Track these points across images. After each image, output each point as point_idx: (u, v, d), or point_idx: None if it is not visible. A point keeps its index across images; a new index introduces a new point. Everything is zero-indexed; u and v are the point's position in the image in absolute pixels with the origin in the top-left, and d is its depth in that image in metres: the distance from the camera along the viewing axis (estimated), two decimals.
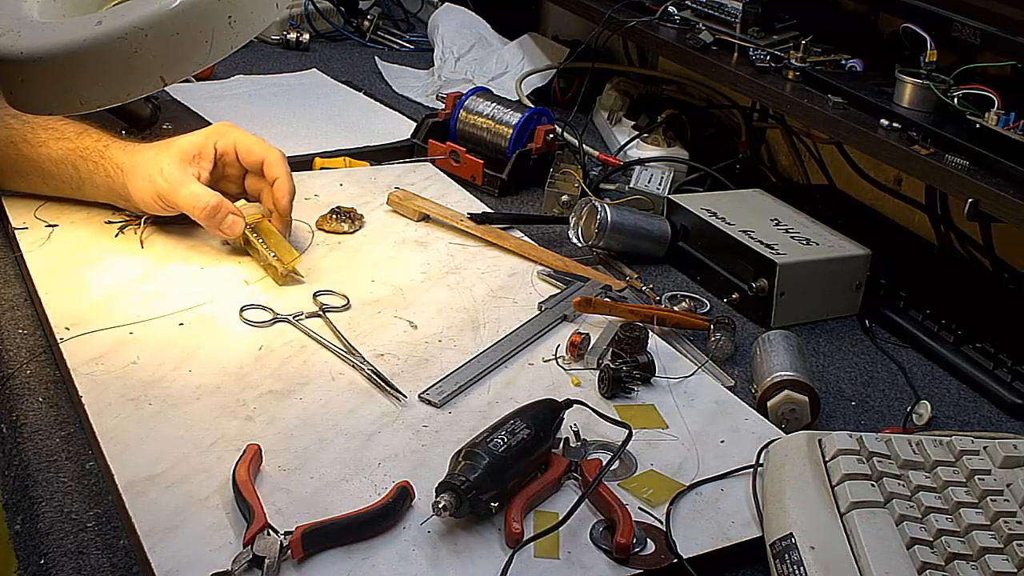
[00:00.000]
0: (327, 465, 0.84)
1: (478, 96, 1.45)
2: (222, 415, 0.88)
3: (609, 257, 1.25)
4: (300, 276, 1.10)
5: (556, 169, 1.38)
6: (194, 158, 1.12)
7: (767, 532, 0.79)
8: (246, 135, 1.15)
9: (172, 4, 0.86)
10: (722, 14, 1.42)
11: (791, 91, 1.30)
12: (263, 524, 0.74)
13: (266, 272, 1.10)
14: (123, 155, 1.13)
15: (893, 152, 1.16)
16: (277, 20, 1.88)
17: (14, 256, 1.11)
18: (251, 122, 1.48)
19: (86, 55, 0.86)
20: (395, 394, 0.93)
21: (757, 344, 1.05)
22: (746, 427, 0.94)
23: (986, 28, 1.14)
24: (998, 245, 1.24)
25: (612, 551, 0.77)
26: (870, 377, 1.08)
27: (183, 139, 1.13)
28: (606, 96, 1.68)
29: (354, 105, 1.64)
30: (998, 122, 1.09)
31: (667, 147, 1.50)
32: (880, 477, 0.81)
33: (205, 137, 1.13)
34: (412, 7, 2.16)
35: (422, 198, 1.28)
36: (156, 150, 1.13)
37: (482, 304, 1.10)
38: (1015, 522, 0.76)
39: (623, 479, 0.85)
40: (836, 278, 1.17)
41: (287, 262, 1.09)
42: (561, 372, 0.99)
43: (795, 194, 1.34)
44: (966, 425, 1.02)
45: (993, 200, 1.05)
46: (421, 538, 0.77)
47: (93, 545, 0.76)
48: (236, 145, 1.13)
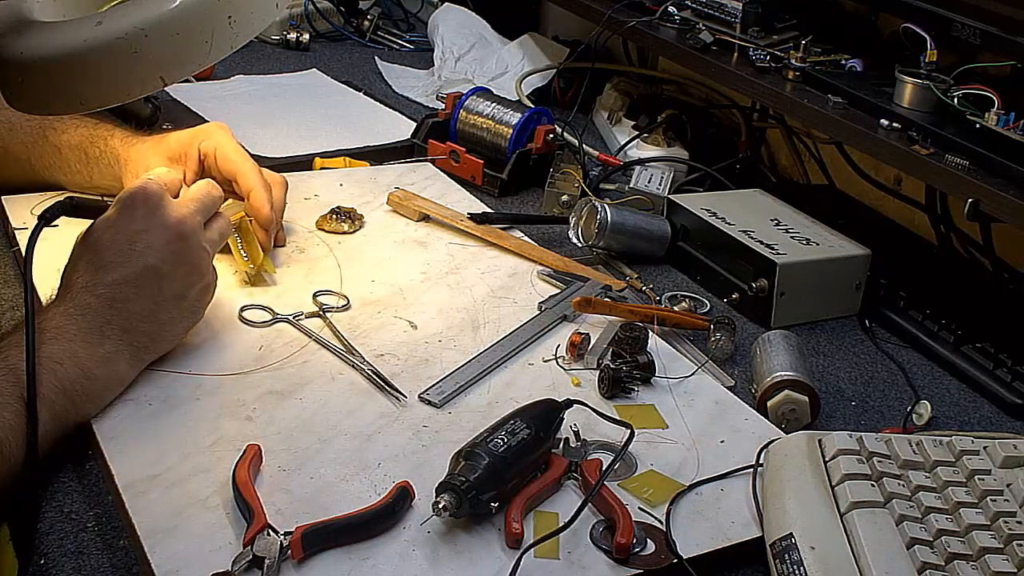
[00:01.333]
0: (327, 465, 0.84)
1: (478, 96, 1.45)
2: (222, 415, 0.88)
3: (609, 257, 1.25)
4: (270, 278, 1.09)
5: (556, 169, 1.38)
6: (180, 157, 1.12)
7: (767, 532, 0.79)
8: (229, 141, 1.12)
9: (172, 4, 0.86)
10: (722, 14, 1.42)
11: (791, 91, 1.30)
12: (263, 524, 0.75)
13: (238, 270, 1.09)
14: (121, 147, 1.15)
15: (893, 152, 1.16)
16: (277, 20, 1.88)
17: (14, 256, 1.11)
18: (251, 122, 1.49)
19: (86, 55, 0.86)
20: (395, 394, 0.93)
21: (757, 344, 1.05)
22: (746, 427, 0.94)
23: (986, 28, 1.14)
24: (998, 245, 1.24)
25: (612, 551, 0.77)
26: (870, 377, 1.08)
27: (172, 137, 1.14)
28: (606, 96, 1.68)
29: (354, 105, 1.64)
30: (998, 122, 1.09)
31: (667, 147, 1.50)
32: (880, 477, 0.81)
33: (192, 137, 1.13)
34: (412, 7, 2.16)
35: (422, 198, 1.28)
36: (148, 145, 1.14)
37: (482, 304, 1.10)
38: (1015, 522, 0.76)
39: (623, 479, 0.85)
40: (836, 278, 1.17)
41: (256, 262, 1.08)
42: (561, 372, 0.99)
43: (795, 194, 1.34)
44: (966, 425, 1.02)
45: (993, 200, 1.05)
46: (421, 538, 0.77)
47: (93, 545, 0.76)
48: (216, 151, 1.11)
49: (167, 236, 0.92)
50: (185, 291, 0.93)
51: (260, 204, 1.09)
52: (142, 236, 0.91)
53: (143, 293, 0.90)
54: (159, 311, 0.91)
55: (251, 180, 1.09)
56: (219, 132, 1.13)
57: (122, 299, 0.88)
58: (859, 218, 1.35)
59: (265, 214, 1.09)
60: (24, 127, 1.18)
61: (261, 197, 1.09)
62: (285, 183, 1.16)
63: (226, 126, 1.15)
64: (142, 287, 0.90)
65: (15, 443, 0.78)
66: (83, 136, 1.17)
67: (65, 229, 1.14)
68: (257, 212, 1.09)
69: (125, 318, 0.88)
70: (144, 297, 0.90)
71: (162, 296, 0.91)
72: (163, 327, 0.92)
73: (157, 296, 0.90)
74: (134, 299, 0.89)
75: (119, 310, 0.88)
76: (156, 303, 0.90)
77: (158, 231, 0.91)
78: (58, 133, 1.18)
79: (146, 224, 0.91)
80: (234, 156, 1.11)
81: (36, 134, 1.18)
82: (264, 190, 1.09)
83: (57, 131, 1.18)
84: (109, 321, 0.87)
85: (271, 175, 1.13)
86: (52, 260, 1.08)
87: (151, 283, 0.90)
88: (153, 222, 0.92)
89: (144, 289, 0.90)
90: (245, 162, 1.11)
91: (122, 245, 0.90)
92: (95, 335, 0.86)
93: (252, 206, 1.09)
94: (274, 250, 1.14)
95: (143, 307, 0.90)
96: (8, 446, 0.77)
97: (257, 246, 1.09)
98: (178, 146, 1.12)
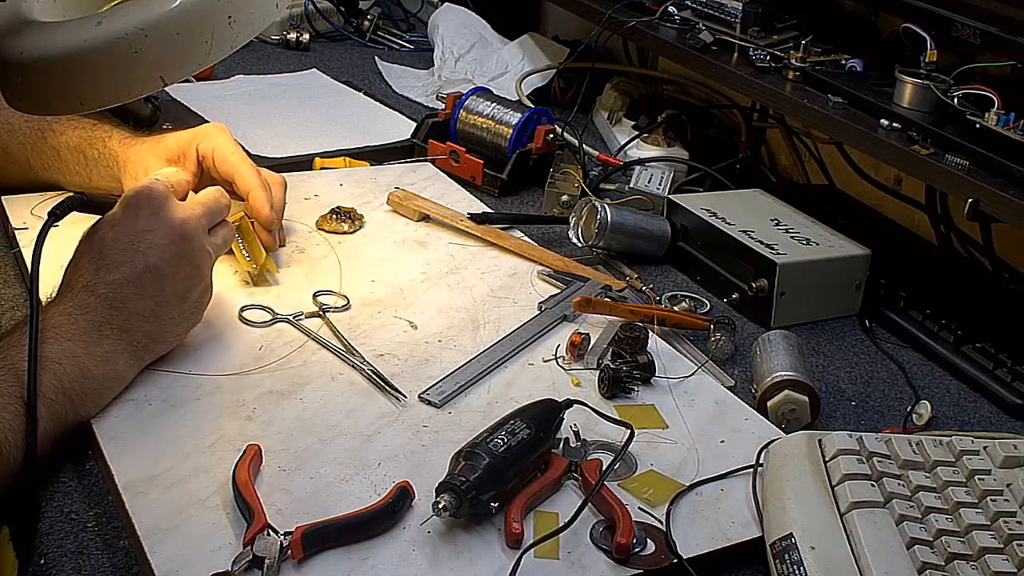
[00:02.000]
0: (327, 465, 0.84)
1: (478, 96, 1.45)
2: (222, 415, 0.88)
3: (609, 257, 1.25)
4: (272, 278, 1.09)
5: (556, 169, 1.38)
6: (179, 158, 1.11)
7: (767, 532, 0.79)
8: (227, 142, 1.11)
9: (172, 4, 0.86)
10: (722, 14, 1.42)
11: (791, 91, 1.30)
12: (263, 524, 0.75)
13: (239, 270, 1.09)
14: (120, 148, 1.14)
15: (893, 152, 1.16)
16: (277, 20, 1.88)
17: (14, 256, 1.11)
18: (251, 122, 1.49)
19: (86, 55, 0.86)
20: (395, 394, 0.93)
21: (757, 344, 1.05)
22: (746, 427, 0.94)
23: (986, 28, 1.14)
24: (998, 245, 1.24)
25: (612, 551, 0.77)
26: (870, 377, 1.08)
27: (171, 138, 1.14)
28: (606, 96, 1.68)
29: (354, 105, 1.64)
30: (998, 122, 1.09)
31: (667, 147, 1.50)
32: (880, 477, 0.81)
33: (191, 138, 1.12)
34: (412, 7, 2.16)
35: (422, 198, 1.28)
36: (147, 146, 1.13)
37: (482, 304, 1.10)
38: (1015, 522, 0.76)
39: (623, 479, 0.85)
40: (836, 278, 1.17)
41: (258, 262, 1.08)
42: (561, 372, 0.99)
43: (795, 194, 1.34)
44: (966, 425, 1.02)
45: (993, 200, 1.05)
46: (421, 538, 0.77)
47: (93, 545, 0.76)
48: (214, 152, 1.10)
49: (171, 236, 0.92)
50: (187, 292, 0.93)
51: (260, 205, 1.09)
52: (146, 236, 0.91)
53: (144, 293, 0.90)
54: (160, 311, 0.91)
55: (249, 181, 1.09)
56: (218, 133, 1.12)
57: (123, 299, 0.88)
58: (859, 218, 1.35)
59: (265, 214, 1.09)
60: (23, 128, 1.18)
61: (260, 198, 1.09)
62: (284, 183, 1.16)
63: (225, 127, 1.14)
64: (144, 287, 0.90)
65: (14, 443, 0.78)
66: (81, 137, 1.17)
67: (66, 228, 1.14)
68: (257, 213, 1.09)
69: (125, 318, 0.88)
70: (145, 297, 0.90)
71: (163, 296, 0.91)
72: (163, 327, 0.92)
73: (159, 296, 0.90)
74: (135, 299, 0.89)
75: (119, 310, 0.88)
76: (157, 303, 0.90)
77: (162, 231, 0.91)
78: (56, 135, 1.17)
79: (150, 224, 0.91)
80: (232, 157, 1.10)
81: (35, 135, 1.18)
82: (263, 190, 1.09)
83: (56, 132, 1.17)
84: (108, 320, 0.87)
85: (270, 175, 1.13)
86: (53, 259, 1.08)
87: (153, 283, 0.90)
88: (157, 222, 0.92)
89: (146, 289, 0.90)
90: (243, 163, 1.10)
91: (125, 244, 0.90)
92: (94, 334, 0.86)
93: (252, 207, 1.09)
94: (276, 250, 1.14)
95: (144, 307, 0.90)
96: (8, 446, 0.77)
97: (258, 246, 1.09)
98: (177, 147, 1.12)
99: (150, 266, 0.90)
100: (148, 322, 0.90)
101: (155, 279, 0.90)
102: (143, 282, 0.90)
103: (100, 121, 1.18)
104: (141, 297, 0.89)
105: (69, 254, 1.08)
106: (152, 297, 0.90)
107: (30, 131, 1.18)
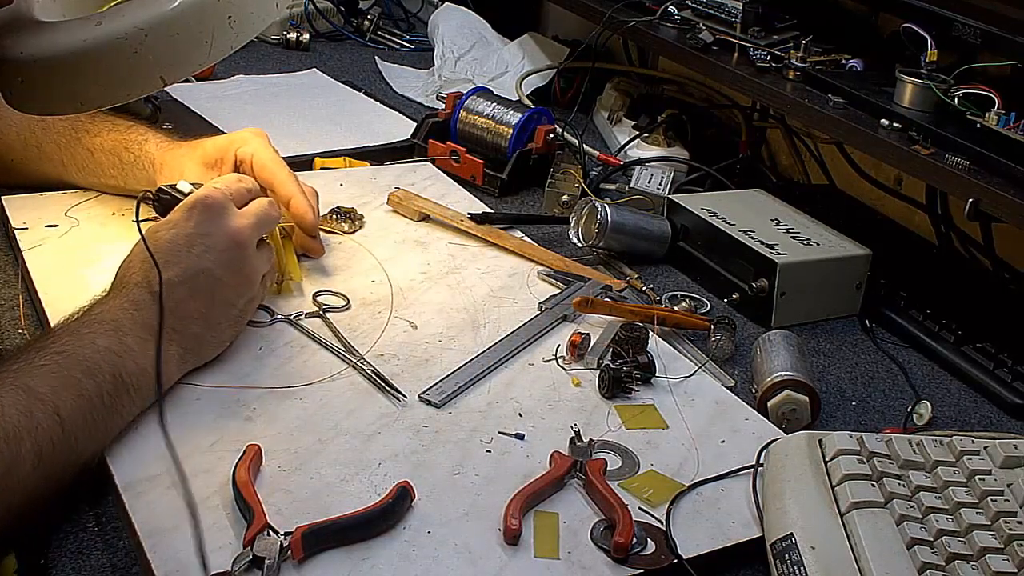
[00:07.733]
0: (327, 465, 0.84)
1: (478, 96, 1.45)
2: (222, 415, 0.88)
3: (609, 257, 1.25)
4: (297, 286, 1.09)
5: (556, 169, 1.38)
6: (216, 163, 1.11)
7: (767, 532, 0.79)
8: (265, 148, 1.11)
9: (172, 4, 0.86)
10: (722, 14, 1.42)
11: (791, 91, 1.30)
12: (263, 524, 0.74)
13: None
14: (156, 152, 1.14)
15: (893, 152, 1.16)
16: (277, 20, 1.88)
17: (14, 256, 1.11)
18: (251, 122, 1.48)
19: (86, 55, 0.86)
20: (395, 394, 0.93)
21: (757, 344, 1.05)
22: (746, 427, 0.94)
23: (986, 28, 1.14)
24: (998, 245, 1.24)
25: (612, 551, 0.77)
26: (870, 377, 1.08)
27: (208, 142, 1.13)
28: (606, 96, 1.68)
29: (354, 105, 1.64)
30: (998, 122, 1.09)
31: (667, 147, 1.50)
32: (880, 477, 0.81)
33: (228, 143, 1.12)
34: (412, 7, 2.16)
35: (422, 198, 1.28)
36: (184, 151, 1.13)
37: (482, 304, 1.10)
38: (1015, 522, 0.76)
39: (623, 479, 0.85)
40: (836, 278, 1.17)
41: (284, 271, 1.07)
42: (561, 372, 0.99)
43: (795, 194, 1.34)
44: (966, 425, 1.02)
45: (993, 200, 1.05)
46: (421, 538, 0.77)
47: (93, 545, 0.76)
48: (253, 158, 1.10)
49: (225, 243, 0.92)
50: (235, 299, 0.93)
51: (304, 210, 1.08)
52: (201, 240, 0.91)
53: (196, 295, 0.90)
54: (209, 315, 0.91)
55: (289, 187, 1.09)
56: (255, 139, 1.11)
57: (176, 299, 0.89)
58: (859, 218, 1.35)
59: (309, 220, 1.09)
60: (58, 127, 1.17)
61: (303, 203, 1.08)
62: (316, 193, 1.14)
63: (263, 132, 1.13)
64: (196, 289, 0.90)
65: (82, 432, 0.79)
66: (116, 140, 1.16)
67: (65, 229, 1.14)
68: (301, 219, 1.09)
69: (177, 318, 0.89)
70: (197, 299, 0.90)
71: (213, 300, 0.91)
72: (211, 331, 0.92)
73: (209, 300, 0.91)
74: (187, 299, 0.90)
75: (171, 309, 0.88)
76: (207, 306, 0.91)
77: (217, 236, 0.92)
78: (91, 136, 1.17)
79: (206, 228, 0.92)
80: (271, 164, 1.09)
81: (69, 136, 1.17)
82: (303, 196, 1.09)
83: (90, 134, 1.17)
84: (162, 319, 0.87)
85: (304, 184, 1.12)
86: (53, 260, 1.08)
87: (205, 286, 0.91)
88: (213, 227, 0.92)
89: (198, 291, 0.90)
90: (282, 169, 1.10)
91: (180, 246, 0.91)
92: (148, 332, 0.86)
93: (295, 213, 1.08)
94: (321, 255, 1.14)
95: (195, 308, 0.90)
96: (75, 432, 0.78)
97: (282, 255, 1.07)
98: (214, 151, 1.11)
99: (203, 269, 0.91)
100: (197, 324, 0.91)
101: (207, 282, 0.91)
102: (195, 284, 0.90)
103: (134, 123, 1.18)
104: (193, 299, 0.90)
105: (68, 255, 1.09)
106: (203, 300, 0.91)
107: (64, 131, 1.17)
